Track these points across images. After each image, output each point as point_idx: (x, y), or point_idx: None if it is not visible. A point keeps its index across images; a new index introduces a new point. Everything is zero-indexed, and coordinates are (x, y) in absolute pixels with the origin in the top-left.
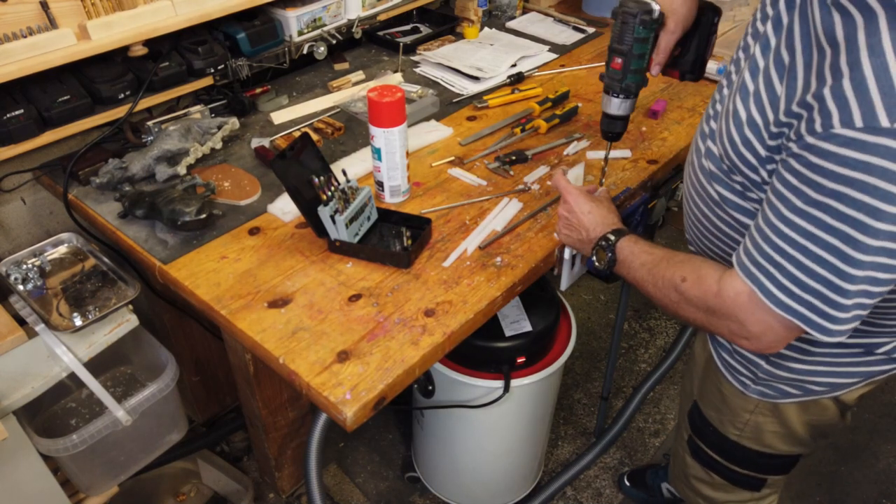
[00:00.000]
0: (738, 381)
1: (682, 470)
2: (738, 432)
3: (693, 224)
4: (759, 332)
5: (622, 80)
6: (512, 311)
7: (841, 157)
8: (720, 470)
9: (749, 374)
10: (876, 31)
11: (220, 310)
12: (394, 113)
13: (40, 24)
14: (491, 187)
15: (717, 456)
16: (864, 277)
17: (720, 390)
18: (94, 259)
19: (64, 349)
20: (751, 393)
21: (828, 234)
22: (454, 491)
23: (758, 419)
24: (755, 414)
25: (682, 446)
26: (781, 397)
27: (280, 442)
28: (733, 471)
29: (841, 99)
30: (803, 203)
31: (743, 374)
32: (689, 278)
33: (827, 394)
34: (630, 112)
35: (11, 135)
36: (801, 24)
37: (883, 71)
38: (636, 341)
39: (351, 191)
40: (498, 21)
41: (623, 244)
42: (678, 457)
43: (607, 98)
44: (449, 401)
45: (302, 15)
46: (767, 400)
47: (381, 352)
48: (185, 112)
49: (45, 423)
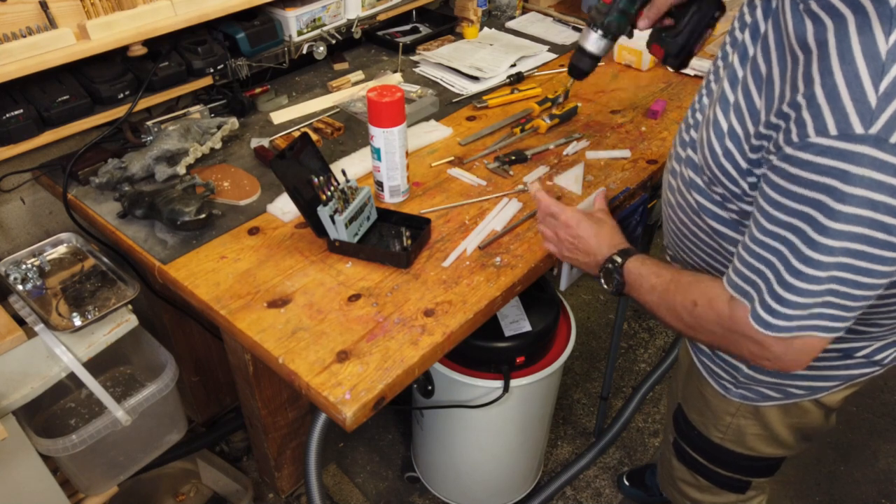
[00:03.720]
0: (720, 384)
1: (669, 472)
2: (721, 435)
3: (672, 231)
4: (780, 352)
5: (606, 15)
6: (511, 310)
7: (817, 165)
8: (705, 472)
9: (730, 378)
10: (846, 37)
11: (220, 310)
12: (393, 113)
13: (40, 23)
14: (490, 187)
15: (702, 458)
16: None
17: (702, 393)
18: (93, 259)
19: (63, 349)
20: (732, 396)
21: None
22: (454, 491)
23: (740, 422)
24: (737, 417)
25: (668, 449)
26: (762, 400)
27: (280, 442)
28: (718, 473)
29: (815, 107)
30: (785, 215)
31: (724, 378)
32: (700, 302)
33: (807, 397)
34: (602, 54)
35: (11, 135)
36: (775, 32)
37: (854, 77)
38: (636, 341)
39: (350, 191)
40: (497, 21)
41: (630, 266)
42: (665, 459)
43: (587, 31)
44: (448, 401)
45: (301, 15)
46: (749, 403)
47: (380, 352)
48: (184, 112)
49: (45, 423)
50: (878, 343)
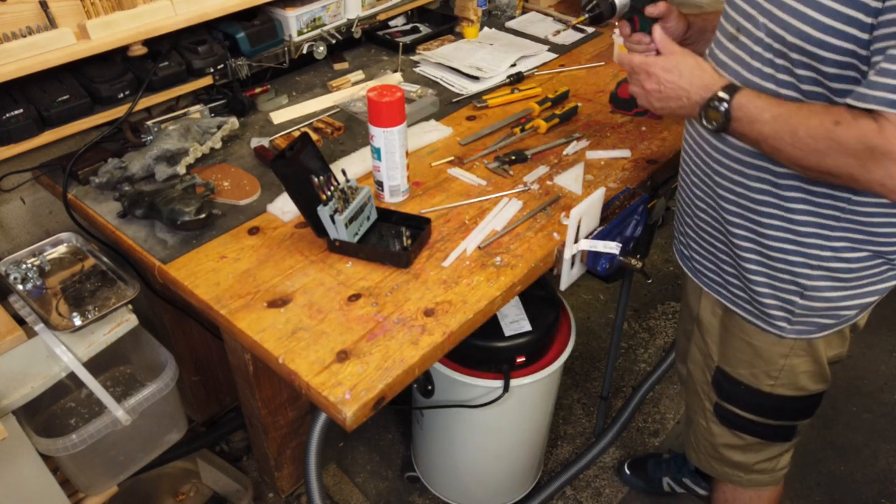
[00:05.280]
0: (774, 326)
1: (709, 441)
2: (772, 382)
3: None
4: None
5: None
6: (511, 310)
7: None
8: (752, 429)
9: (785, 314)
10: None
11: (220, 309)
12: (393, 113)
13: (40, 23)
14: (490, 187)
15: (750, 414)
16: None
17: (750, 344)
18: (93, 259)
19: (63, 349)
20: (788, 335)
21: None
22: (454, 491)
23: (793, 362)
24: (790, 357)
25: (705, 418)
26: (818, 331)
27: (280, 442)
28: (766, 425)
29: None
30: None
31: (778, 319)
32: (844, 120)
33: (855, 317)
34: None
35: (11, 134)
36: None
37: None
38: (636, 341)
39: (350, 190)
40: (497, 21)
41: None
42: (701, 431)
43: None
44: (448, 401)
45: (301, 15)
46: (804, 337)
47: (380, 351)
48: (184, 112)
49: (45, 422)
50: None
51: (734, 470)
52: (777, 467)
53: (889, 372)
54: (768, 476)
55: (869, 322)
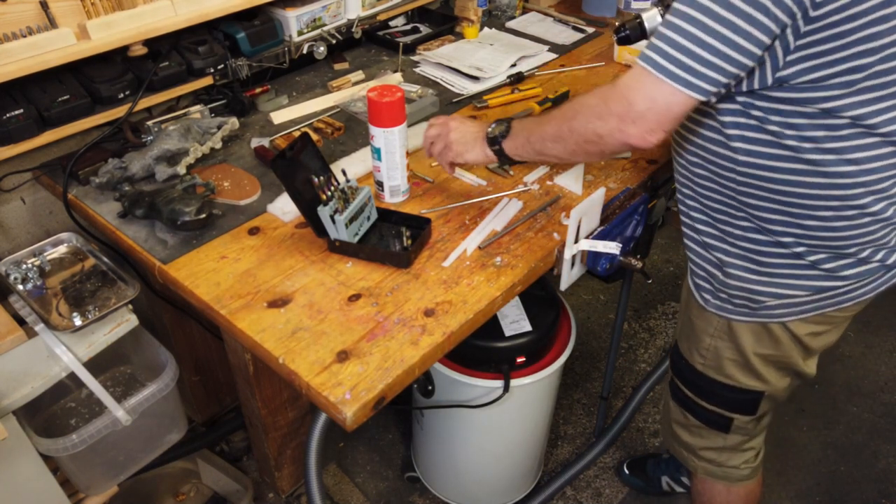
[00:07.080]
0: (702, 296)
1: (666, 416)
2: (702, 361)
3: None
4: (644, 110)
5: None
6: (511, 310)
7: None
8: (692, 407)
9: (710, 287)
10: None
11: (220, 310)
12: (394, 113)
13: (40, 23)
14: (491, 187)
15: (689, 392)
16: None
17: (690, 318)
18: (93, 259)
19: (63, 349)
20: (710, 308)
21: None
22: (454, 491)
23: (717, 344)
24: (714, 338)
25: (666, 392)
26: (735, 314)
27: (280, 442)
28: (702, 408)
29: None
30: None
31: (704, 290)
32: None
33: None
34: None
35: (11, 134)
36: None
37: None
38: (636, 341)
39: (351, 191)
40: (498, 21)
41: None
42: (664, 407)
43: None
44: (448, 401)
45: (302, 15)
46: (724, 316)
47: (380, 352)
48: (184, 112)
49: (45, 422)
50: (823, 254)
51: (685, 451)
52: (728, 464)
53: (889, 372)
54: (719, 470)
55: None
